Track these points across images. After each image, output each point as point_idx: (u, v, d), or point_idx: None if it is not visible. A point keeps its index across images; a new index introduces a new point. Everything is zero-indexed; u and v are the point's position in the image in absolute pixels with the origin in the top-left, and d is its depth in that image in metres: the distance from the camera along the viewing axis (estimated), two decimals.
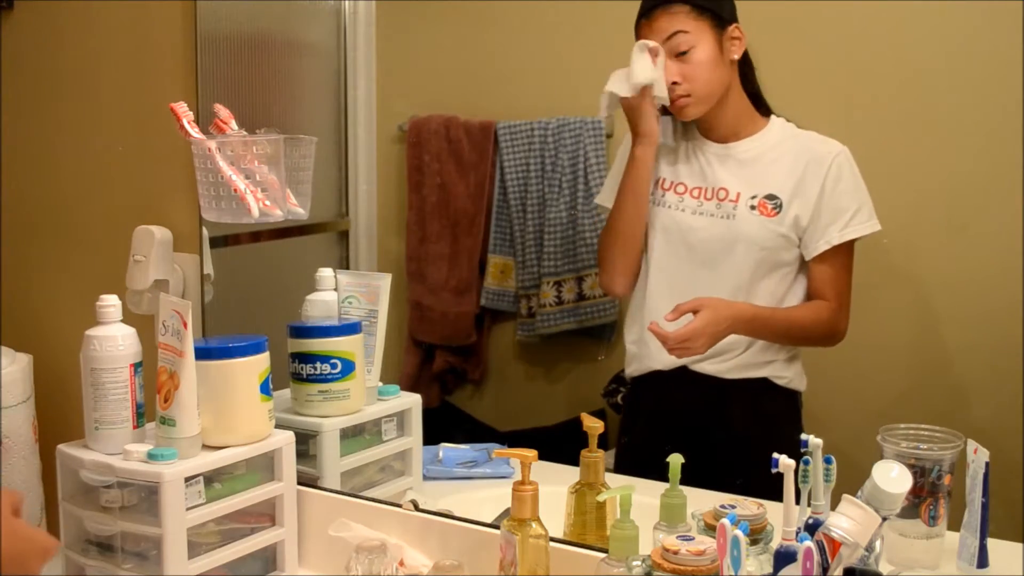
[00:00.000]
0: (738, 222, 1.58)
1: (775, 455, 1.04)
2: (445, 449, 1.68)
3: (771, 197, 1.57)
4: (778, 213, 1.57)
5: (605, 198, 1.78)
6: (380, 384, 1.60)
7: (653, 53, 1.58)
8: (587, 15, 2.08)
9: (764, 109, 1.66)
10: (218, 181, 1.43)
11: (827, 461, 1.11)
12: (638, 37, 1.63)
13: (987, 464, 1.17)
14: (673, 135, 1.70)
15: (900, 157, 1.85)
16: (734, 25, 1.62)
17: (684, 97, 1.62)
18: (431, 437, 1.69)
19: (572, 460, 1.40)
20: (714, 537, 1.01)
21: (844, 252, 1.57)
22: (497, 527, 1.29)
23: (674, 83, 1.61)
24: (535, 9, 2.14)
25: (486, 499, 1.48)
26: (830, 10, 1.86)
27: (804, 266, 1.60)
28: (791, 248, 1.57)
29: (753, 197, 1.57)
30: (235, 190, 1.42)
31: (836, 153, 1.58)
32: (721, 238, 1.59)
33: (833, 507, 1.03)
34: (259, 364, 1.40)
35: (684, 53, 1.59)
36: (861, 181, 1.59)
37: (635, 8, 2.00)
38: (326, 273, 1.62)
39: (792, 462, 1.02)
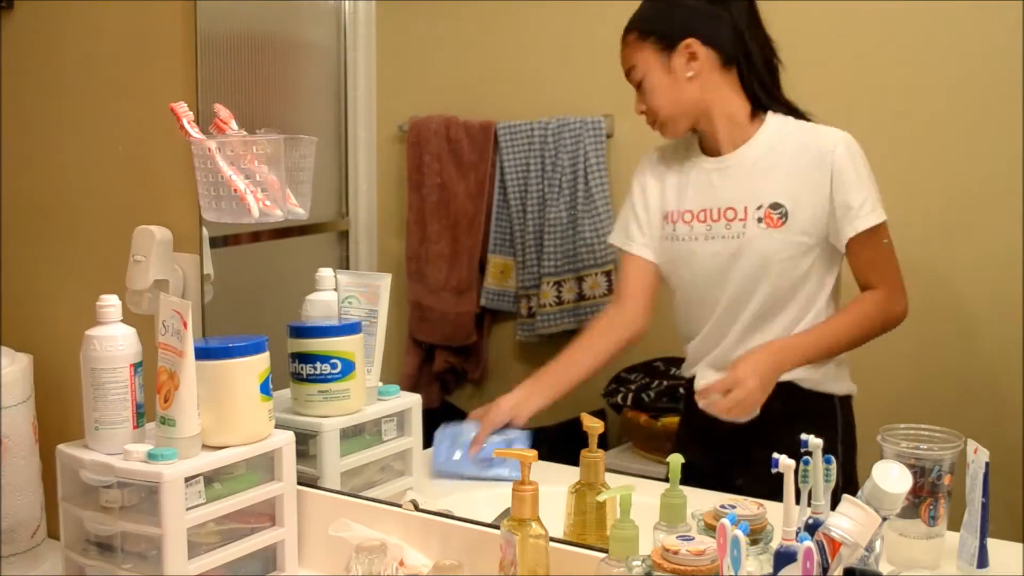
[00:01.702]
0: (749, 239, 1.53)
1: (775, 455, 1.03)
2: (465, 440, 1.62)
3: (775, 206, 1.53)
4: (784, 222, 1.52)
5: (618, 238, 1.73)
6: (380, 384, 1.60)
7: None
8: (587, 15, 2.08)
9: (761, 107, 1.60)
10: (218, 181, 1.43)
11: (827, 461, 1.11)
12: None
13: (987, 464, 1.17)
14: (674, 157, 1.67)
15: (900, 157, 1.85)
16: (687, 41, 1.57)
17: (653, 123, 1.63)
18: (431, 437, 1.69)
19: (572, 460, 1.40)
20: (714, 537, 1.01)
21: (871, 238, 1.53)
22: (497, 527, 1.29)
23: (640, 111, 1.63)
24: (535, 9, 2.14)
25: (486, 499, 1.48)
26: (829, 10, 1.85)
27: (825, 263, 1.55)
28: (810, 251, 1.53)
29: (759, 208, 1.53)
30: (235, 190, 1.42)
31: (835, 145, 1.54)
32: (737, 259, 1.55)
33: (833, 507, 1.02)
34: (259, 364, 1.40)
35: (640, 84, 1.61)
36: (864, 167, 1.55)
37: (635, 8, 2.00)
38: (326, 273, 1.62)
39: (792, 462, 1.02)
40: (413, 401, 1.61)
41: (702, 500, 1.24)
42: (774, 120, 1.59)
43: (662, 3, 1.64)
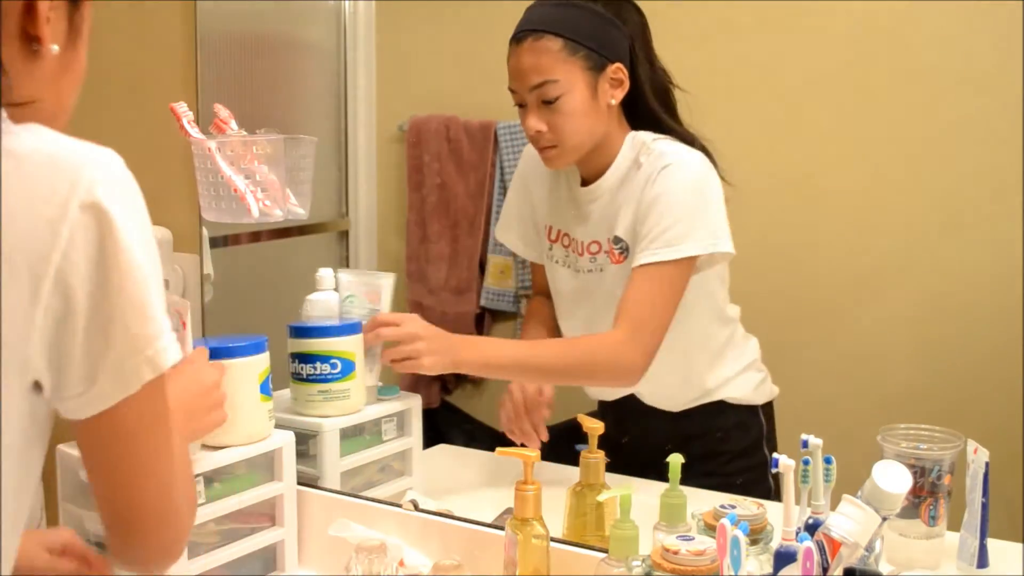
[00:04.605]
0: (605, 274, 1.48)
1: (775, 455, 1.04)
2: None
3: (616, 240, 1.44)
4: (626, 257, 1.43)
5: (510, 240, 1.69)
6: (380, 384, 1.60)
7: None
8: None
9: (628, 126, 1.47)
10: (218, 181, 1.43)
11: (827, 461, 1.11)
12: (509, 59, 1.46)
13: (987, 464, 1.17)
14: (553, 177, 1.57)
15: (900, 157, 1.85)
16: (616, 66, 1.41)
17: (550, 148, 1.45)
18: (431, 437, 1.69)
19: (572, 460, 1.40)
20: (714, 537, 1.01)
21: (648, 277, 1.37)
22: (497, 527, 1.29)
23: (539, 131, 1.44)
24: None
25: (486, 499, 1.48)
26: (831, 11, 1.86)
27: (699, 287, 1.45)
28: None
29: (607, 242, 1.46)
30: (235, 190, 1.42)
31: (659, 169, 1.39)
32: (592, 294, 1.51)
33: (833, 507, 1.03)
34: (259, 364, 1.40)
35: (552, 101, 1.40)
36: (689, 197, 1.38)
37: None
38: (326, 273, 1.62)
39: (792, 462, 1.02)
40: (413, 401, 1.62)
41: (702, 500, 1.24)
42: (630, 144, 1.45)
43: (588, 16, 1.40)
